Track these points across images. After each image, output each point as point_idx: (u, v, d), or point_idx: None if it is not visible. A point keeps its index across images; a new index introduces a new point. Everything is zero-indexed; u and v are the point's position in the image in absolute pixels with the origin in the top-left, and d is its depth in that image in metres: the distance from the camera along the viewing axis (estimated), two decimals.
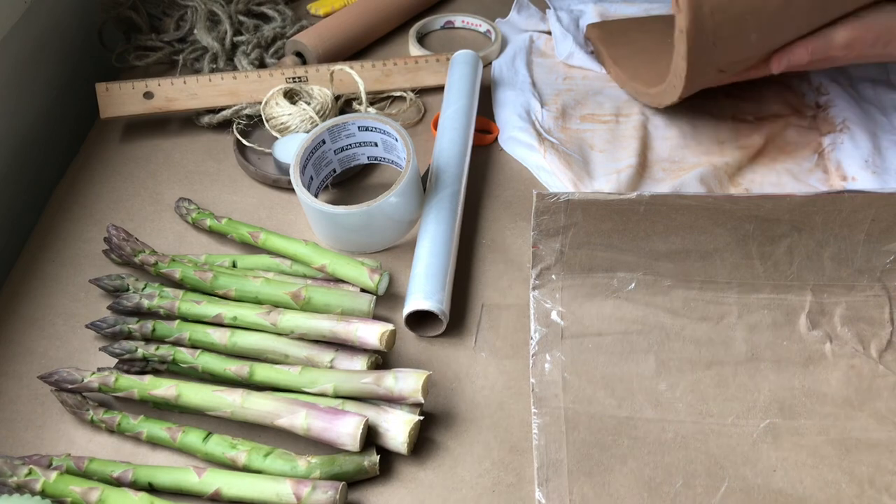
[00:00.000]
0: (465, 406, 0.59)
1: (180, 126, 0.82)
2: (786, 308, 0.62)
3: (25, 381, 0.60)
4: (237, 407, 0.54)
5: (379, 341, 0.56)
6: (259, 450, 0.53)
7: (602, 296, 0.63)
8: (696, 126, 0.81)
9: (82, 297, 0.66)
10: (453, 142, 0.74)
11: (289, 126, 0.77)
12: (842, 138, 0.79)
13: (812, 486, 0.53)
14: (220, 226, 0.68)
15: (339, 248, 0.69)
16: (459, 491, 0.54)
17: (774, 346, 0.60)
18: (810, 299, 0.62)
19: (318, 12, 0.98)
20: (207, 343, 0.58)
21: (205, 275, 0.62)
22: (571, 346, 0.60)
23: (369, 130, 0.70)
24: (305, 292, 0.60)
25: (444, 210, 0.67)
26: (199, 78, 0.80)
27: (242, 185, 0.76)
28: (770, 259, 0.62)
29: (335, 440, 0.52)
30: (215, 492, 0.51)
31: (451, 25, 0.98)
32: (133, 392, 0.55)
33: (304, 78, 0.82)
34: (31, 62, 0.81)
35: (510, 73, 0.88)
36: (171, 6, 0.92)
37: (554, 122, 0.81)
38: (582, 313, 0.62)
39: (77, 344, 0.62)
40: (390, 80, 0.85)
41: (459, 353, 0.62)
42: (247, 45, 0.88)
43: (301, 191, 0.66)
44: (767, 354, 0.60)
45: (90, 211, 0.73)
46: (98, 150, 0.80)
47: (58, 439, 0.56)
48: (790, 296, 0.62)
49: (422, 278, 0.63)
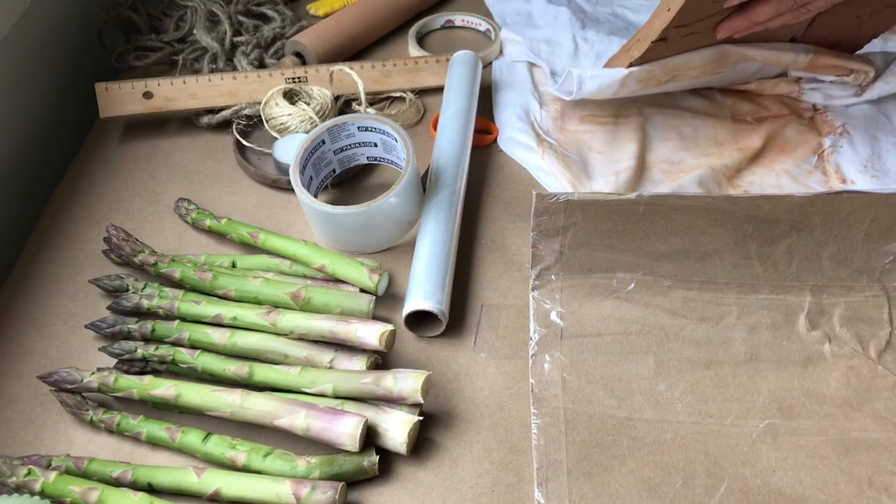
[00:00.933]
0: (465, 406, 0.59)
1: (180, 126, 0.82)
2: (785, 308, 0.62)
3: (25, 381, 0.60)
4: (237, 407, 0.54)
5: (378, 341, 0.56)
6: (258, 450, 0.53)
7: (601, 296, 0.63)
8: (695, 127, 0.81)
9: (82, 297, 0.66)
10: (453, 142, 0.74)
11: (288, 126, 0.77)
12: (842, 142, 0.79)
13: (811, 486, 0.53)
14: (219, 226, 0.68)
15: (339, 249, 0.69)
16: (459, 491, 0.54)
17: (773, 346, 0.60)
18: (809, 300, 0.62)
19: (317, 13, 0.98)
20: (207, 343, 0.58)
21: (204, 275, 0.62)
22: (571, 347, 0.60)
23: (369, 131, 0.70)
24: (305, 292, 0.60)
25: (443, 210, 0.67)
26: (199, 78, 0.80)
27: (242, 185, 0.76)
28: (769, 259, 0.62)
29: (334, 440, 0.52)
30: (215, 492, 0.51)
31: (451, 24, 0.98)
32: (132, 392, 0.56)
33: (304, 78, 0.82)
34: (30, 62, 0.81)
35: (510, 73, 0.88)
36: (171, 6, 0.92)
37: (552, 123, 0.81)
38: (581, 314, 0.62)
39: (77, 344, 0.62)
40: (390, 81, 0.85)
41: (459, 353, 0.62)
42: (246, 45, 0.88)
43: (301, 191, 0.66)
44: (767, 355, 0.60)
45: (90, 211, 0.73)
46: (98, 150, 0.80)
47: (57, 439, 0.56)
48: (789, 296, 0.62)
49: (421, 278, 0.63)
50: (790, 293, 0.62)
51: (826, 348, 0.60)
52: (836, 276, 0.62)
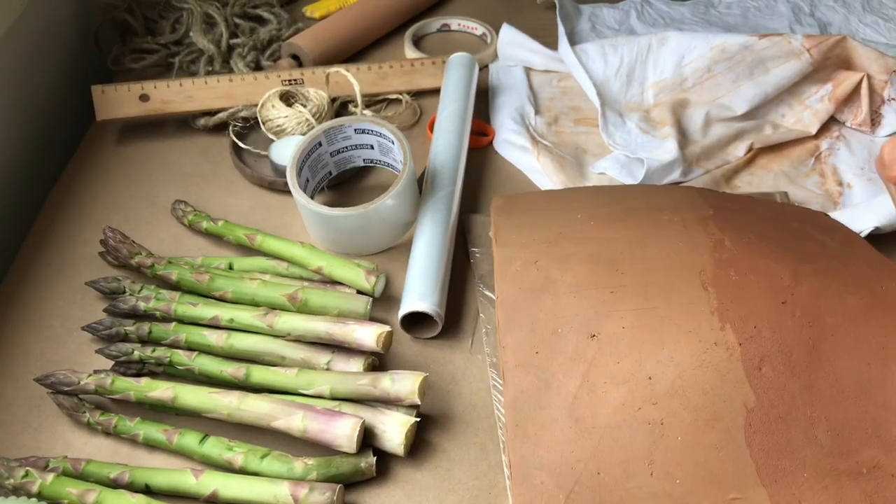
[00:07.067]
0: (462, 408, 0.59)
1: (176, 128, 0.82)
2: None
3: (22, 383, 0.60)
4: (234, 409, 0.54)
5: (375, 343, 0.56)
6: (256, 451, 0.53)
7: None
8: (691, 129, 0.81)
9: (79, 299, 0.66)
10: (449, 144, 0.74)
11: (285, 128, 0.77)
12: (838, 145, 0.79)
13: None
14: (216, 228, 0.68)
15: (336, 250, 0.69)
16: (456, 492, 0.54)
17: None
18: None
19: (314, 15, 0.98)
20: (204, 345, 0.58)
21: (201, 277, 0.62)
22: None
23: (365, 133, 0.70)
24: (302, 294, 0.60)
25: (439, 212, 0.68)
26: (195, 80, 0.80)
27: (239, 187, 0.76)
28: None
29: (332, 442, 0.53)
30: (212, 493, 0.51)
31: (447, 28, 0.98)
32: (129, 394, 0.56)
33: (301, 80, 0.82)
34: (27, 65, 0.81)
35: (506, 75, 0.89)
36: (167, 9, 0.92)
37: (547, 129, 0.81)
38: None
39: (73, 346, 0.62)
40: (386, 83, 0.85)
41: (456, 354, 0.62)
42: (243, 47, 0.88)
43: (297, 193, 0.66)
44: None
45: (86, 213, 0.73)
46: (94, 152, 0.80)
47: (54, 441, 0.56)
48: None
49: (418, 280, 0.63)
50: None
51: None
52: None
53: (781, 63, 0.81)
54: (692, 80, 0.83)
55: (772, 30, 0.95)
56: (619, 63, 0.85)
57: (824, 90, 0.81)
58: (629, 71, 0.85)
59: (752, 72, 0.81)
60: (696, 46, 0.83)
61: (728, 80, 0.82)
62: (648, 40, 0.85)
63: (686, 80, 0.83)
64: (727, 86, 0.82)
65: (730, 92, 0.81)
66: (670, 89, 0.84)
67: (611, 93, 0.85)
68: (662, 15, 0.98)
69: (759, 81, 0.81)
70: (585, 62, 0.85)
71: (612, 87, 0.85)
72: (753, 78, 0.81)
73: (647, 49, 0.85)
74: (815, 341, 0.50)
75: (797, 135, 0.80)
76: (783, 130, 0.80)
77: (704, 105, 0.81)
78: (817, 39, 0.80)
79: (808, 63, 0.80)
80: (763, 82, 0.80)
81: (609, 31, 0.96)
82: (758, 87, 0.80)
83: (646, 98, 0.85)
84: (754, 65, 0.81)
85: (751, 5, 0.99)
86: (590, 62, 0.85)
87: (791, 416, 0.48)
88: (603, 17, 0.98)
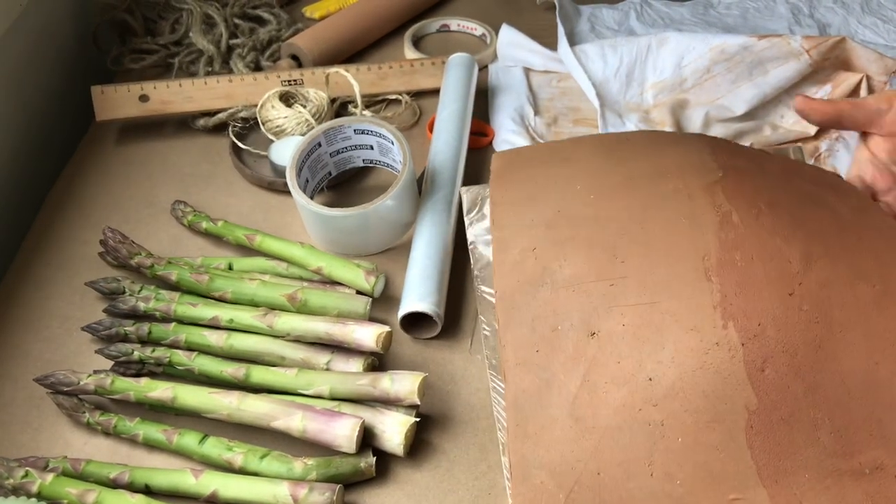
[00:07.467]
0: (462, 408, 0.59)
1: (176, 129, 0.82)
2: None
3: (21, 383, 0.60)
4: (233, 409, 0.54)
5: (375, 343, 0.56)
6: (255, 452, 0.53)
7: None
8: (690, 129, 0.81)
9: (78, 299, 0.66)
10: (449, 145, 0.74)
11: (284, 129, 0.77)
12: (837, 146, 0.79)
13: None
14: (216, 228, 0.68)
15: (336, 251, 0.69)
16: (456, 493, 0.54)
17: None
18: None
19: (313, 15, 0.98)
20: (204, 345, 0.58)
21: (201, 277, 0.62)
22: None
23: (365, 133, 0.70)
24: (302, 294, 0.60)
25: (439, 212, 0.68)
26: (195, 81, 0.80)
27: (238, 187, 0.76)
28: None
29: (331, 442, 0.53)
30: (212, 493, 0.51)
31: (446, 29, 0.98)
32: (129, 394, 0.56)
33: (300, 81, 0.82)
34: (26, 65, 0.81)
35: (506, 76, 0.89)
36: (167, 9, 0.92)
37: (546, 129, 0.82)
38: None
39: (73, 347, 0.62)
40: (386, 83, 0.85)
41: (455, 355, 0.62)
42: (242, 48, 0.88)
43: (297, 193, 0.66)
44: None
45: (86, 213, 0.73)
46: (93, 152, 0.80)
47: (54, 442, 0.56)
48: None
49: (417, 280, 0.63)
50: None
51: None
52: None
53: (781, 64, 0.81)
54: (691, 81, 0.83)
55: (771, 31, 0.95)
56: (619, 64, 0.85)
57: (823, 91, 0.81)
58: (628, 71, 0.85)
59: (752, 72, 0.81)
60: (695, 47, 0.83)
61: (727, 81, 0.82)
62: (648, 41, 0.85)
63: (685, 80, 0.83)
64: (726, 86, 0.82)
65: (729, 93, 0.82)
66: (670, 90, 0.84)
67: (610, 93, 0.85)
68: (662, 16, 0.98)
69: (758, 82, 0.81)
70: (585, 63, 0.85)
71: (611, 87, 0.85)
72: (753, 79, 0.81)
73: (647, 50, 0.85)
74: (821, 340, 0.48)
75: (796, 136, 0.80)
76: (782, 131, 0.80)
77: (704, 106, 0.81)
78: (816, 40, 0.81)
79: (807, 64, 0.80)
80: (762, 83, 0.81)
81: (608, 31, 0.96)
82: (757, 87, 0.80)
83: (645, 99, 0.85)
84: (753, 65, 0.81)
85: (750, 6, 1.00)
86: (589, 63, 0.85)
87: (794, 417, 0.47)
88: (602, 17, 0.98)
